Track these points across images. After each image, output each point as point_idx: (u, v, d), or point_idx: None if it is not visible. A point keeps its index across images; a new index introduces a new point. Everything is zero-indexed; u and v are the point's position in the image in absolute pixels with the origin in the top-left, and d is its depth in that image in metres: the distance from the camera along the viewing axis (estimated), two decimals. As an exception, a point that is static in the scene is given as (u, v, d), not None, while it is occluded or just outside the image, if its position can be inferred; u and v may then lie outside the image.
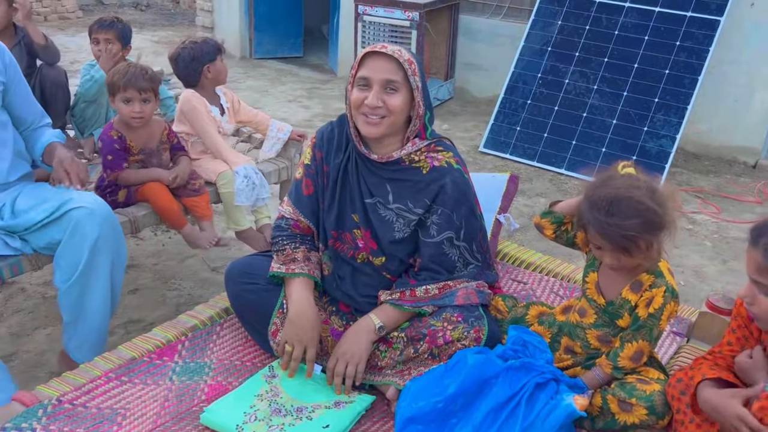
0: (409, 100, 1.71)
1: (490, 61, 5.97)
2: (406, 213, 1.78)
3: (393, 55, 1.67)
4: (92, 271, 1.99)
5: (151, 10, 10.57)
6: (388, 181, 1.79)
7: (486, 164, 4.67)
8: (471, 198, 1.83)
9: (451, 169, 1.77)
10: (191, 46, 2.65)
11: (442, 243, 1.78)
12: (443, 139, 1.86)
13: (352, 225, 1.83)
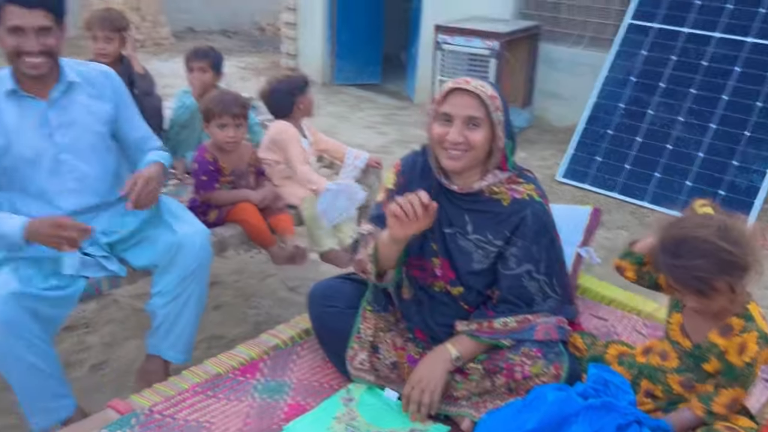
0: (490, 134, 1.73)
1: (570, 90, 5.90)
2: (485, 244, 1.79)
3: (476, 92, 1.68)
4: (187, 295, 2.12)
5: (238, 37, 11.06)
6: (467, 212, 1.80)
7: (564, 194, 4.60)
8: (552, 231, 1.82)
9: (532, 202, 1.77)
10: (284, 79, 2.82)
11: (521, 275, 1.77)
12: (525, 171, 1.86)
13: (431, 253, 1.85)
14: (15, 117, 1.95)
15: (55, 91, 2.01)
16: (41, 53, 1.89)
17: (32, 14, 1.85)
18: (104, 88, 2.11)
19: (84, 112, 2.06)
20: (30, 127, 1.97)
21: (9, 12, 1.85)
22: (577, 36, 5.94)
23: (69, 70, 2.04)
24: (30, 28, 1.86)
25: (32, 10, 1.85)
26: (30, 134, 1.97)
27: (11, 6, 1.84)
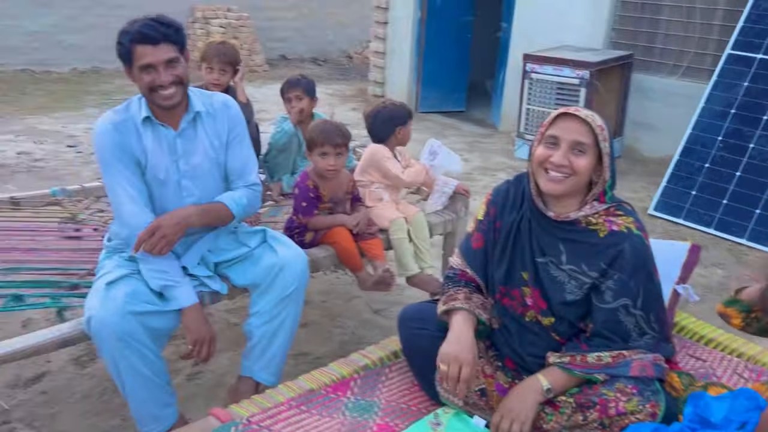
0: (594, 164, 1.72)
1: (664, 121, 5.74)
2: (579, 275, 1.77)
3: (586, 119, 1.69)
4: (283, 316, 2.22)
5: (327, 65, 11.42)
6: (562, 241, 1.79)
7: (656, 228, 4.45)
8: (650, 266, 1.78)
9: (630, 235, 1.74)
10: (390, 106, 2.89)
11: (617, 310, 1.74)
12: (623, 203, 1.83)
13: (521, 282, 1.85)
14: (151, 141, 2.11)
15: (184, 121, 2.13)
16: (172, 84, 2.04)
17: (159, 50, 1.99)
18: (223, 118, 2.23)
19: (205, 141, 2.19)
20: (162, 152, 2.12)
21: (138, 52, 1.99)
22: (672, 66, 5.78)
23: (196, 100, 2.18)
24: (159, 62, 2.00)
25: (158, 46, 1.99)
26: (162, 159, 2.12)
27: (139, 46, 1.98)
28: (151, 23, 2.00)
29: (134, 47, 1.99)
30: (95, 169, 5.17)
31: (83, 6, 8.99)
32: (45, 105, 7.29)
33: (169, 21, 2.05)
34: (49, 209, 2.98)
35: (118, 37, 2.03)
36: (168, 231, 2.01)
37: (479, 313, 1.87)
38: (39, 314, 2.96)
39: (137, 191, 2.08)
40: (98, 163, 2.11)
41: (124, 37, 2.01)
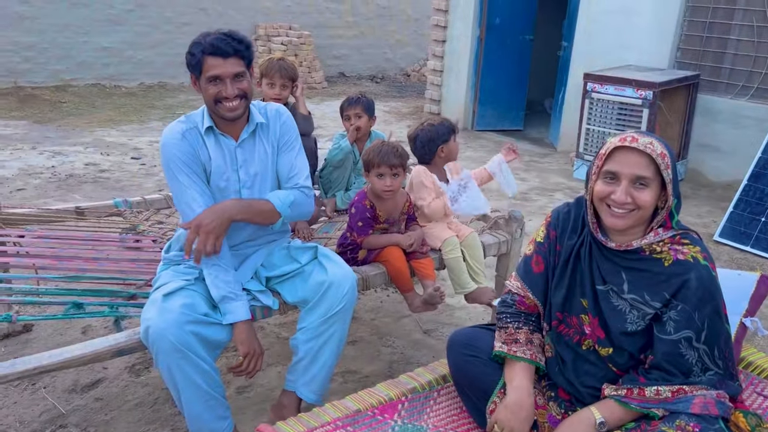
0: (659, 192, 1.66)
1: (731, 144, 5.52)
2: (641, 305, 1.70)
3: (645, 150, 1.61)
4: (329, 334, 2.22)
5: (384, 83, 11.52)
6: (624, 270, 1.72)
7: (722, 255, 4.26)
8: (718, 298, 1.68)
9: (696, 265, 1.66)
10: (428, 128, 2.84)
11: (679, 342, 1.66)
12: (690, 231, 1.75)
13: (580, 309, 1.79)
14: (213, 150, 2.18)
15: (245, 132, 2.21)
16: (237, 96, 2.11)
17: (228, 63, 2.06)
18: (275, 125, 2.30)
19: (262, 151, 2.26)
20: (224, 161, 2.19)
21: (208, 63, 2.06)
22: (741, 87, 5.56)
23: (256, 112, 2.25)
24: (227, 75, 2.07)
25: (227, 59, 2.06)
26: (224, 168, 2.19)
27: (210, 57, 2.05)
28: (224, 37, 2.07)
29: (205, 58, 2.06)
30: (157, 181, 5.34)
31: (152, 24, 9.36)
32: (113, 118, 7.59)
33: (240, 37, 2.12)
34: (111, 219, 3.08)
35: (190, 48, 2.09)
36: (210, 226, 2.04)
37: (539, 359, 1.84)
38: (98, 322, 3.06)
39: (205, 197, 2.14)
40: (165, 170, 2.17)
41: (196, 47, 2.07)
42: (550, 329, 1.87)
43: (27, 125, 7.00)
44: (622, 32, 6.20)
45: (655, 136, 1.68)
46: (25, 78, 8.53)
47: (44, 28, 8.55)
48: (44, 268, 2.50)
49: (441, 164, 2.91)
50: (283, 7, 10.60)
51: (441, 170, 2.93)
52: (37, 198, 4.78)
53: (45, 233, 2.80)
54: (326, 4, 11.11)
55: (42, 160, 5.77)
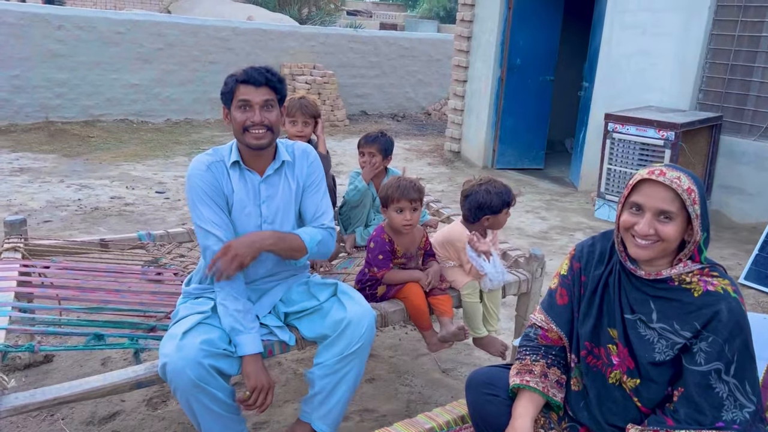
0: (684, 226, 1.65)
1: (756, 186, 5.47)
2: (670, 334, 1.66)
3: (671, 185, 1.61)
4: (345, 371, 2.21)
5: (405, 121, 11.64)
6: (653, 299, 1.70)
7: (747, 298, 4.17)
8: (747, 332, 1.64)
9: (727, 296, 1.63)
10: (484, 193, 2.64)
11: (709, 374, 1.61)
12: (718, 266, 1.73)
13: (608, 340, 1.76)
14: (237, 184, 2.23)
15: (270, 168, 2.25)
16: (264, 125, 2.16)
17: (259, 91, 2.16)
18: (302, 165, 2.33)
19: (287, 188, 2.29)
20: (248, 196, 2.23)
21: (240, 90, 2.16)
22: (765, 128, 5.52)
23: (282, 149, 2.30)
24: (256, 102, 2.15)
25: (259, 88, 2.16)
26: (246, 202, 2.23)
27: (242, 85, 2.16)
28: (258, 68, 2.18)
29: (237, 86, 2.16)
30: (180, 215, 5.41)
31: (180, 62, 9.61)
32: (139, 153, 7.75)
33: (274, 71, 2.22)
34: (134, 252, 3.12)
35: (226, 80, 2.19)
36: (241, 251, 2.08)
37: (553, 394, 1.81)
38: (117, 353, 3.08)
39: (224, 227, 2.17)
40: (188, 199, 2.21)
41: (231, 77, 2.18)
42: (579, 361, 1.83)
43: (56, 159, 7.17)
44: (643, 74, 6.23)
45: (685, 171, 1.67)
46: (56, 113, 8.77)
47: (76, 66, 8.82)
48: (67, 299, 2.54)
49: (482, 229, 2.78)
50: (307, 47, 10.83)
51: (482, 232, 2.82)
52: (63, 230, 4.87)
53: (69, 264, 2.84)
54: (350, 44, 11.34)
55: (69, 193, 5.89)
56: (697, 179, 1.65)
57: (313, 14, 18.58)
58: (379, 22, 21.78)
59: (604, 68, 6.59)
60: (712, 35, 5.78)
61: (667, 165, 1.68)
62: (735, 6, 5.60)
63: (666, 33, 6.01)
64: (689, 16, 5.82)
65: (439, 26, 23.19)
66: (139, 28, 9.20)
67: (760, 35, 5.48)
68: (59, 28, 8.61)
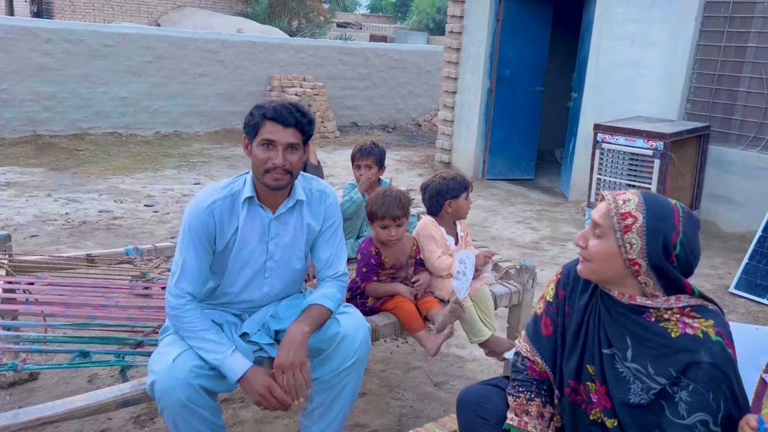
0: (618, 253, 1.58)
1: (744, 195, 5.49)
2: (644, 377, 1.57)
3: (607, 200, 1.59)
4: (342, 385, 2.18)
5: (396, 132, 11.67)
6: (629, 334, 1.61)
7: (738, 308, 4.18)
8: (733, 378, 1.53)
9: (707, 341, 1.50)
10: (440, 180, 2.82)
11: (694, 427, 1.50)
12: (707, 303, 1.59)
13: (587, 377, 1.69)
14: (245, 220, 2.12)
15: (284, 206, 2.16)
16: (285, 170, 2.05)
17: (286, 132, 2.04)
18: (320, 207, 2.23)
19: (298, 227, 2.22)
20: (254, 232, 2.15)
21: (266, 127, 2.03)
22: (753, 138, 5.56)
23: (299, 187, 2.19)
24: (282, 143, 2.03)
25: (287, 129, 2.04)
26: (251, 238, 2.15)
27: (270, 122, 2.03)
28: (289, 106, 2.05)
29: (264, 122, 2.04)
30: (169, 228, 5.37)
31: (169, 75, 9.59)
32: (127, 166, 7.71)
33: (304, 110, 2.09)
34: (122, 267, 3.09)
35: (253, 109, 2.08)
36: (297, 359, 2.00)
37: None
38: (104, 370, 3.03)
39: (201, 272, 2.09)
40: (181, 228, 2.14)
41: (258, 110, 2.06)
42: (562, 396, 1.77)
43: (43, 173, 7.11)
44: (631, 84, 6.27)
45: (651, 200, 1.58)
46: (44, 126, 8.72)
47: (64, 79, 8.78)
48: (53, 316, 2.50)
49: (448, 219, 2.88)
50: (297, 59, 10.85)
51: (450, 224, 2.90)
52: (50, 244, 4.82)
53: (55, 280, 2.81)
54: (340, 56, 11.36)
55: (56, 206, 5.84)
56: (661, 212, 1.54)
57: (303, 26, 18.65)
58: (369, 34, 21.87)
59: (592, 79, 6.63)
60: (699, 46, 5.83)
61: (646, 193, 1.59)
62: (721, 17, 5.66)
63: (654, 44, 6.05)
64: (676, 27, 5.88)
65: (428, 38, 23.33)
66: (128, 41, 9.18)
67: (745, 46, 5.54)
68: (47, 42, 8.58)
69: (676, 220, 1.54)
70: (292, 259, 2.23)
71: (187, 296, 2.06)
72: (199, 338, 2.02)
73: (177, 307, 2.05)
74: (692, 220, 1.58)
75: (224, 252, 2.14)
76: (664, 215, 1.54)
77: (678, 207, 1.58)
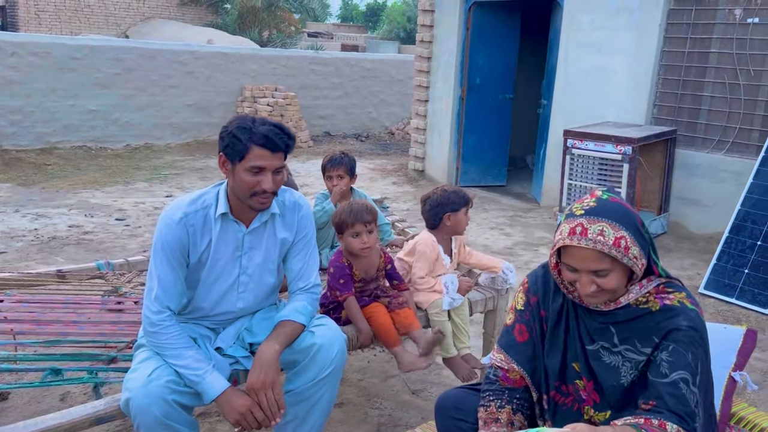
0: (626, 269, 1.61)
1: (711, 197, 5.62)
2: (633, 354, 1.63)
3: (595, 248, 1.54)
4: (318, 397, 2.16)
5: (369, 141, 11.69)
6: (612, 325, 1.66)
7: (707, 308, 4.27)
8: (707, 344, 1.62)
9: (685, 309, 1.61)
10: (441, 193, 2.81)
11: (677, 383, 1.54)
12: (674, 279, 1.71)
13: (574, 375, 1.72)
14: (218, 235, 2.08)
15: (257, 220, 2.13)
16: (272, 192, 2.04)
17: (274, 157, 2.00)
18: (293, 218, 2.22)
19: (271, 239, 2.19)
20: (227, 247, 2.12)
21: (255, 153, 1.97)
22: (717, 141, 5.70)
23: (273, 201, 2.14)
24: (271, 168, 2.00)
25: (275, 154, 2.00)
26: (225, 253, 2.12)
27: (257, 148, 1.97)
28: (277, 131, 2.00)
29: (252, 147, 1.97)
30: (141, 241, 5.30)
31: (138, 87, 9.50)
32: (98, 180, 7.60)
33: (289, 131, 2.06)
34: (93, 282, 3.04)
35: (236, 131, 1.98)
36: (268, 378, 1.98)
37: None
38: (77, 388, 2.97)
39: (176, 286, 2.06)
40: (153, 243, 2.10)
41: (243, 134, 1.97)
42: (549, 400, 1.77)
43: (11, 188, 6.97)
44: (599, 90, 6.38)
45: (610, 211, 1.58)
46: (10, 141, 8.56)
47: (31, 92, 8.63)
48: (23, 333, 2.45)
49: (447, 233, 2.87)
50: (269, 69, 10.82)
51: (447, 241, 2.90)
52: (19, 261, 4.72)
53: (24, 297, 2.75)
54: (311, 66, 11.37)
55: (25, 222, 5.73)
56: (623, 215, 1.58)
57: (274, 36, 18.63)
58: (341, 44, 21.93)
59: (561, 85, 6.74)
60: (663, 52, 5.96)
61: (588, 213, 1.58)
62: (684, 24, 5.80)
63: (620, 51, 6.18)
64: (641, 34, 6.01)
65: (399, 47, 23.48)
66: (95, 54, 9.07)
67: (708, 51, 5.68)
68: (12, 55, 8.43)
69: (627, 206, 1.62)
70: (265, 273, 2.21)
71: (166, 311, 2.03)
72: (177, 356, 1.99)
73: (157, 323, 2.01)
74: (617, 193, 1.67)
75: (197, 265, 2.11)
76: (625, 212, 1.60)
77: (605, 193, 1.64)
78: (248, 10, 18.09)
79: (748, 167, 4.93)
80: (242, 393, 2.01)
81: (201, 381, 1.95)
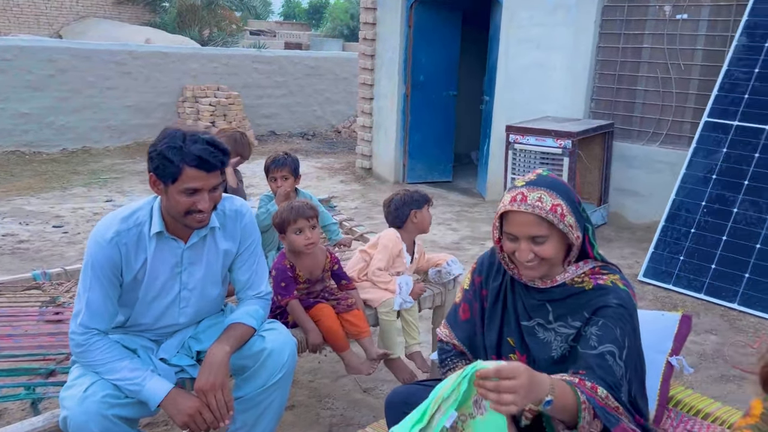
0: (562, 239, 1.68)
1: (647, 188, 5.82)
2: (564, 328, 1.71)
3: (533, 212, 1.62)
4: (268, 402, 2.13)
5: (315, 139, 11.62)
6: (548, 302, 1.74)
7: (646, 294, 4.42)
8: (636, 323, 1.69)
9: (616, 288, 1.68)
10: (404, 193, 2.93)
11: (604, 355, 1.61)
12: (609, 264, 1.79)
13: (509, 349, 1.79)
14: (153, 254, 2.00)
15: (196, 235, 2.05)
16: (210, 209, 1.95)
17: (211, 176, 1.90)
18: (235, 228, 2.14)
19: (212, 252, 2.10)
20: (164, 264, 2.04)
21: (188, 174, 1.86)
22: (652, 133, 5.91)
23: (213, 215, 2.05)
24: (207, 188, 1.91)
25: (210, 173, 1.89)
26: (163, 271, 2.04)
27: (191, 170, 1.85)
28: (212, 150, 1.88)
29: (186, 169, 1.86)
30: (80, 249, 5.12)
31: (74, 88, 9.17)
32: (33, 186, 7.30)
33: (224, 147, 1.94)
34: (30, 293, 2.92)
35: (166, 152, 1.85)
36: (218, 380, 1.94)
37: None
38: (14, 405, 2.85)
39: (106, 306, 1.98)
40: (84, 261, 2.01)
41: (174, 154, 1.85)
42: None
43: (-63, 197, 6.63)
44: (539, 86, 6.52)
45: (549, 183, 1.67)
46: (-64, 147, 8.14)
47: (-43, 96, 8.24)
48: (-48, 351, 2.33)
49: (412, 230, 2.92)
50: (210, 68, 10.62)
51: (411, 240, 2.95)
52: (-53, 274, 4.49)
53: (-46, 312, 2.62)
54: (254, 65, 11.22)
55: (-46, 232, 5.46)
56: (561, 187, 1.67)
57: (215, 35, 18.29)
58: (284, 42, 21.71)
59: (502, 81, 6.85)
60: (599, 47, 6.14)
61: (529, 183, 1.67)
62: (617, 20, 5.99)
63: (558, 47, 6.33)
64: (577, 31, 6.17)
65: (343, 44, 23.42)
66: (26, 54, 8.71)
67: (641, 46, 5.88)
68: (-65, 57, 8.02)
69: (566, 183, 1.72)
70: (207, 286, 2.14)
71: (93, 331, 1.94)
72: (110, 369, 1.92)
73: (82, 343, 1.93)
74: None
75: (133, 284, 2.02)
76: (563, 186, 1.69)
77: (545, 171, 1.75)
78: (187, 8, 17.70)
79: (681, 158, 5.13)
80: (189, 394, 1.96)
81: (141, 389, 1.90)
